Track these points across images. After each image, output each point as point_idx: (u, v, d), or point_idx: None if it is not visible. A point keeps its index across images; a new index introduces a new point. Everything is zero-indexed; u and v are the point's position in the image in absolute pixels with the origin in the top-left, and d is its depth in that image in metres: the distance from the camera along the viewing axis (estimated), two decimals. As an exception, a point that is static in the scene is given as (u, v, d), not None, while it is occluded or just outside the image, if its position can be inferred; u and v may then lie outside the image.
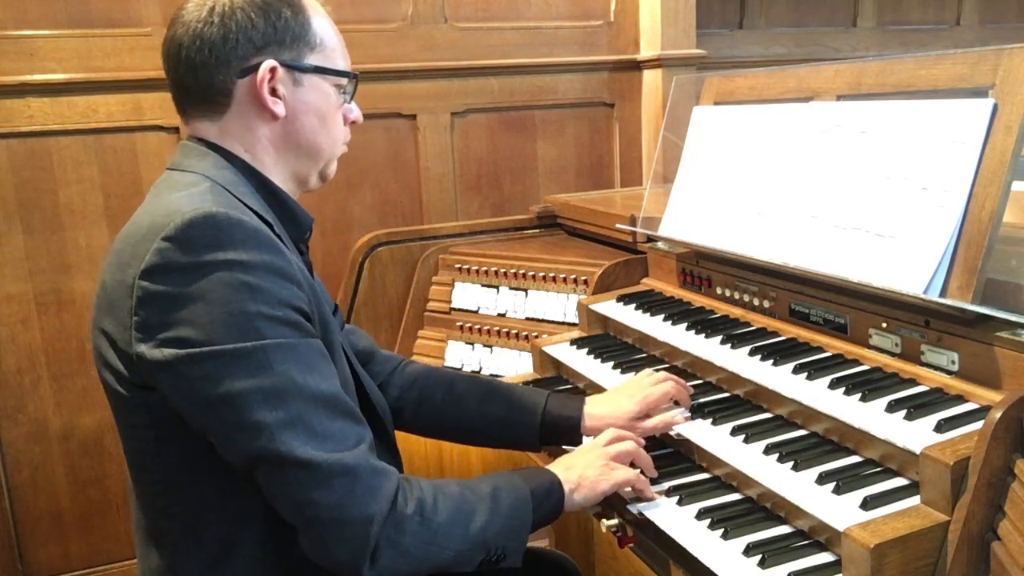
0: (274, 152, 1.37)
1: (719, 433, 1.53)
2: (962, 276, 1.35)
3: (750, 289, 1.87)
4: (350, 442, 1.18)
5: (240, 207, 1.24)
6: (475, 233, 2.86)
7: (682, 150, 2.11)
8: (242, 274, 1.15)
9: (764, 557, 1.26)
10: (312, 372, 1.18)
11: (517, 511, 1.32)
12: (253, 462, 1.15)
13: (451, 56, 3.06)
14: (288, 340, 1.17)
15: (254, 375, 1.13)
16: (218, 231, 1.16)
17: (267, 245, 1.19)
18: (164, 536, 1.29)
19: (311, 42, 1.35)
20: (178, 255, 1.14)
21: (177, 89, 1.36)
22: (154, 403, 1.20)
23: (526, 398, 1.66)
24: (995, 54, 1.40)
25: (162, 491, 1.27)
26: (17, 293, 2.71)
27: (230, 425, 1.14)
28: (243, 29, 1.29)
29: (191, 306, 1.13)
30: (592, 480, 1.42)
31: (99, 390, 2.89)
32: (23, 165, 2.66)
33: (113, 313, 1.21)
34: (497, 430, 1.66)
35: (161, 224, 1.17)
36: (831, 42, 3.80)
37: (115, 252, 1.24)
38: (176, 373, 1.15)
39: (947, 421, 1.27)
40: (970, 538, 1.13)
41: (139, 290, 1.15)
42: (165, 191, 1.29)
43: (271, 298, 1.16)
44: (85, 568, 2.91)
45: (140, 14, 2.73)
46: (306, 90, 1.35)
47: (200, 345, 1.13)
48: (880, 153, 1.54)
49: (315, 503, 1.14)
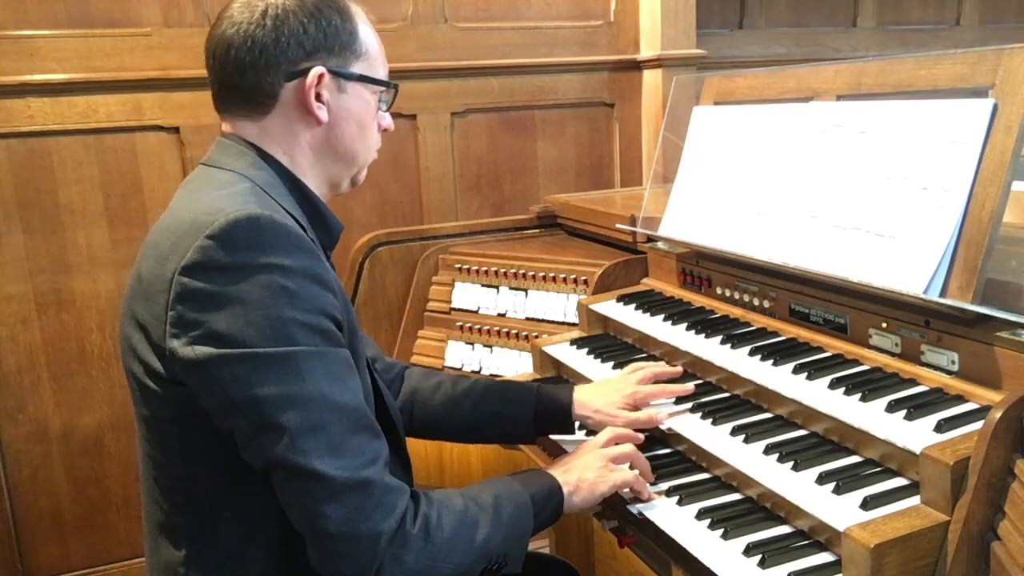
0: (312, 156, 1.38)
1: (719, 433, 1.53)
2: (962, 276, 1.35)
3: (750, 289, 1.87)
4: (366, 457, 1.19)
5: (280, 210, 1.25)
6: (475, 233, 2.86)
7: (682, 150, 2.11)
8: (282, 278, 1.16)
9: (764, 557, 1.26)
10: (338, 383, 1.19)
11: (518, 519, 1.33)
12: (271, 466, 1.16)
13: (451, 56, 3.06)
14: (319, 348, 1.18)
15: (282, 380, 1.14)
16: (261, 233, 1.17)
17: (307, 251, 1.20)
18: (178, 531, 1.29)
19: (357, 50, 1.37)
20: (220, 254, 1.15)
21: (221, 87, 1.35)
22: (181, 398, 1.21)
23: (518, 392, 1.69)
24: (995, 54, 1.40)
25: (181, 486, 1.28)
26: (17, 293, 2.71)
27: (254, 427, 1.15)
28: (295, 33, 1.30)
29: (228, 306, 1.14)
30: (591, 482, 1.43)
31: (99, 390, 2.90)
32: (23, 165, 2.66)
33: (148, 305, 1.21)
34: (494, 426, 1.69)
35: (205, 222, 1.17)
36: (831, 42, 3.80)
37: (152, 244, 1.24)
38: (206, 372, 1.15)
39: (947, 421, 1.27)
40: (970, 538, 1.13)
41: (178, 285, 1.16)
42: (204, 188, 1.29)
43: (307, 304, 1.17)
44: (85, 568, 2.91)
45: (140, 14, 2.73)
46: (349, 97, 1.37)
47: (233, 346, 1.14)
48: (880, 153, 1.54)
49: (326, 516, 1.14)
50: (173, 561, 1.29)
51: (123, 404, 2.87)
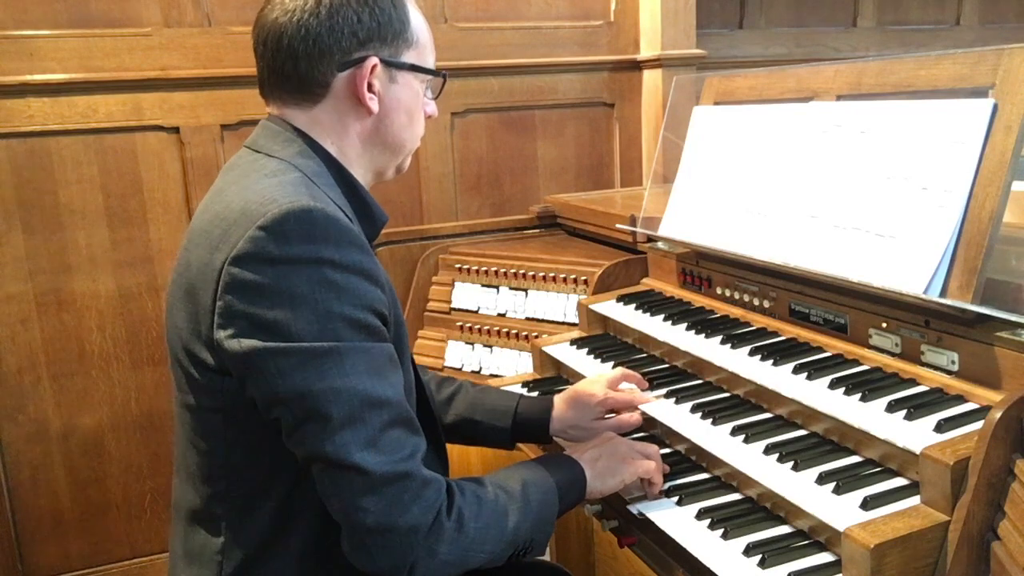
0: (360, 146, 1.38)
1: (719, 433, 1.53)
2: (962, 276, 1.35)
3: (750, 289, 1.87)
4: (406, 452, 1.19)
5: (330, 203, 1.24)
6: (475, 233, 2.86)
7: (682, 150, 2.11)
8: (331, 273, 1.16)
9: (764, 557, 1.26)
10: (380, 378, 1.19)
11: (545, 505, 1.34)
12: (312, 458, 1.17)
13: (451, 56, 3.06)
14: (363, 343, 1.18)
15: (326, 374, 1.15)
16: (313, 226, 1.16)
17: (358, 245, 1.20)
18: (216, 519, 1.30)
19: (409, 39, 1.35)
20: (272, 246, 1.15)
21: (272, 74, 1.34)
22: (228, 388, 1.22)
23: (499, 403, 1.71)
24: (995, 54, 1.40)
25: (222, 475, 1.29)
26: (17, 293, 2.70)
27: (297, 419, 1.16)
28: (349, 22, 1.29)
29: (277, 299, 1.14)
30: (613, 469, 1.45)
31: (99, 390, 2.91)
32: (23, 165, 2.66)
33: (197, 294, 1.21)
34: (472, 431, 1.71)
35: (257, 211, 1.17)
36: (831, 42, 3.80)
37: (201, 231, 1.24)
38: (251, 364, 1.16)
39: (947, 421, 1.27)
40: (970, 538, 1.13)
41: (227, 275, 1.16)
42: (253, 174, 1.27)
43: (355, 300, 1.18)
44: (85, 568, 2.91)
45: (140, 14, 2.72)
46: (400, 87, 1.36)
47: (279, 340, 1.14)
48: (880, 153, 1.54)
49: (364, 508, 1.15)
50: (210, 548, 1.30)
51: (123, 404, 2.87)
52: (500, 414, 1.69)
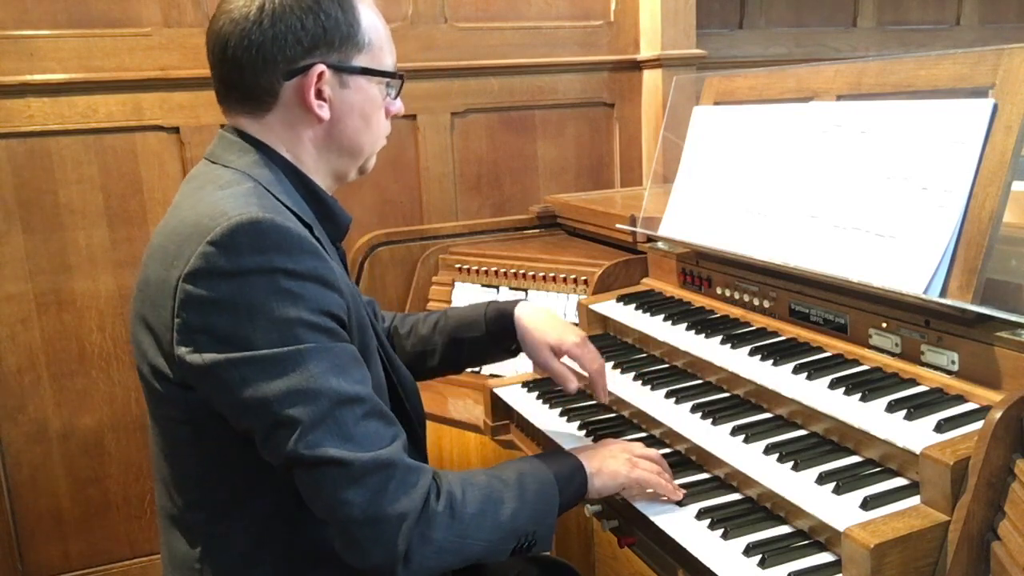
0: (315, 152, 1.37)
1: (719, 433, 1.53)
2: (962, 276, 1.35)
3: (750, 289, 1.87)
4: (384, 441, 1.19)
5: (283, 211, 1.24)
6: (475, 233, 2.86)
7: (682, 150, 2.11)
8: (286, 280, 1.16)
9: (764, 557, 1.26)
10: (345, 375, 1.18)
11: (544, 495, 1.33)
12: (289, 462, 1.16)
13: (451, 56, 3.06)
14: (324, 344, 1.18)
15: (290, 378, 1.15)
16: (263, 237, 1.16)
17: (310, 252, 1.20)
18: (193, 528, 1.30)
19: (360, 43, 1.34)
20: (222, 260, 1.15)
21: (220, 83, 1.35)
22: (194, 402, 1.22)
23: (473, 312, 1.74)
24: (995, 54, 1.40)
25: (194, 484, 1.29)
26: (17, 293, 2.70)
27: (267, 425, 1.15)
28: (292, 30, 1.27)
29: (233, 311, 1.15)
30: (613, 468, 1.43)
31: (99, 390, 2.90)
32: (23, 165, 2.66)
33: (156, 310, 1.22)
34: (459, 350, 1.73)
35: (207, 226, 1.17)
36: (831, 42, 3.80)
37: (158, 247, 1.24)
38: (215, 377, 1.16)
39: (947, 421, 1.27)
40: (970, 538, 1.13)
41: (182, 293, 1.16)
42: (207, 186, 1.28)
43: (311, 304, 1.17)
44: (85, 568, 2.91)
45: (140, 14, 2.73)
46: (351, 92, 1.35)
47: (240, 349, 1.14)
48: (880, 153, 1.54)
49: (349, 502, 1.14)
50: (190, 557, 1.30)
51: (123, 404, 2.87)
52: (475, 322, 1.71)
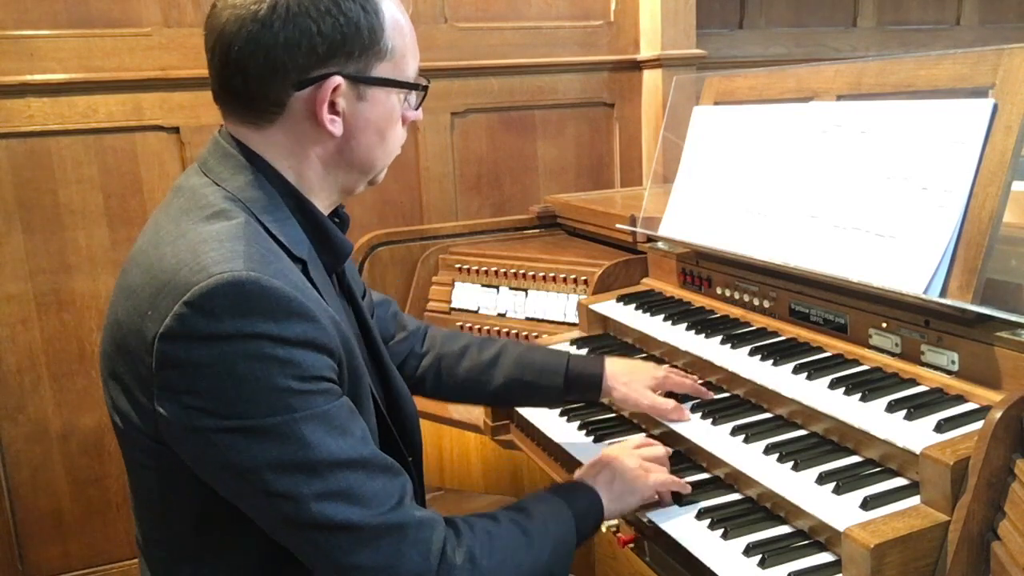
0: (322, 170, 1.23)
1: (719, 433, 1.53)
2: (962, 276, 1.35)
3: (750, 289, 1.87)
4: (393, 500, 1.12)
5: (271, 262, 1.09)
6: (475, 233, 2.86)
7: (682, 150, 2.11)
8: (270, 348, 1.04)
9: (764, 557, 1.26)
10: (345, 436, 1.10)
11: (563, 536, 1.31)
12: (291, 529, 1.09)
13: (451, 56, 3.06)
14: (319, 409, 1.08)
15: (286, 449, 1.05)
16: (245, 300, 1.03)
17: (298, 314, 1.07)
18: (157, 564, 1.26)
19: (383, 50, 1.19)
20: (201, 323, 1.03)
21: (220, 88, 1.19)
22: (165, 454, 1.13)
23: (549, 362, 1.68)
24: (995, 54, 1.40)
25: (159, 524, 1.23)
26: (17, 293, 2.70)
27: (262, 493, 1.07)
28: (308, 35, 1.12)
29: (215, 378, 1.04)
30: (628, 490, 1.42)
31: (99, 390, 2.88)
32: (23, 165, 2.66)
33: (129, 360, 1.11)
34: (522, 395, 1.70)
35: (185, 281, 1.04)
36: (831, 42, 3.80)
37: (131, 290, 1.11)
38: (204, 440, 1.06)
39: (947, 421, 1.27)
40: (970, 538, 1.13)
41: (159, 353, 1.05)
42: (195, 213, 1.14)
43: (301, 371, 1.06)
44: (85, 568, 2.91)
45: (140, 14, 2.73)
46: (368, 106, 1.20)
47: (228, 418, 1.04)
48: (880, 153, 1.54)
49: (360, 567, 1.08)
50: None
51: (123, 404, 2.87)
52: (551, 373, 1.65)
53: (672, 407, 1.61)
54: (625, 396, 1.65)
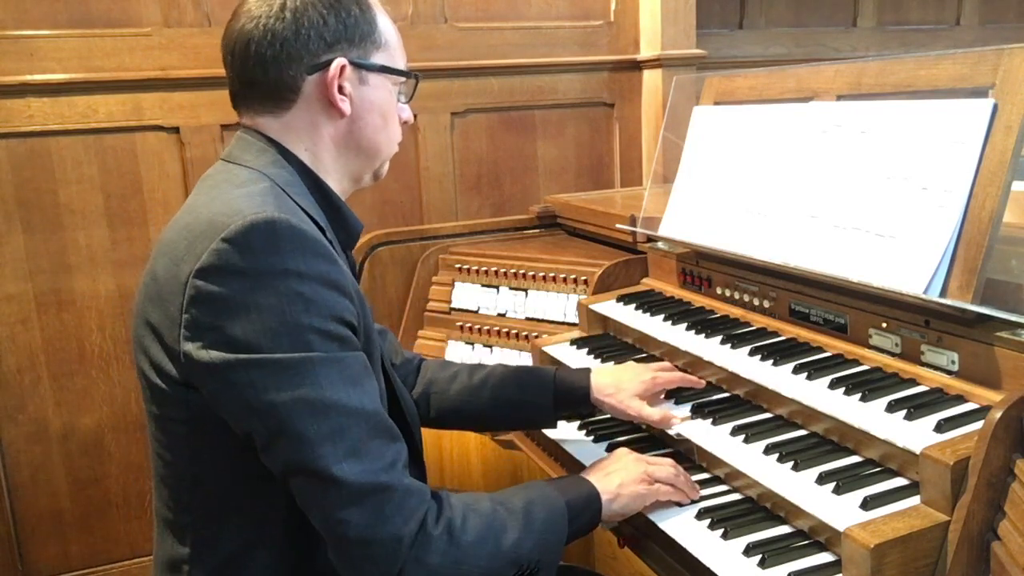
0: (335, 150, 1.37)
1: (719, 433, 1.53)
2: (962, 276, 1.35)
3: (750, 289, 1.87)
4: (386, 461, 1.18)
5: (299, 212, 1.23)
6: (475, 233, 2.86)
7: (682, 150, 2.11)
8: (298, 284, 1.14)
9: (764, 557, 1.26)
10: (356, 387, 1.18)
11: (551, 525, 1.31)
12: (290, 471, 1.16)
13: (451, 56, 3.06)
14: (335, 354, 1.17)
15: (300, 386, 1.13)
16: (278, 238, 1.15)
17: (324, 255, 1.19)
18: (184, 529, 1.29)
19: (377, 40, 1.36)
20: (236, 258, 1.14)
21: (242, 83, 1.34)
22: (193, 400, 1.21)
23: (536, 378, 1.70)
24: (995, 54, 1.40)
25: (188, 486, 1.28)
26: (17, 293, 2.70)
27: (272, 432, 1.14)
28: (315, 25, 1.29)
29: (244, 312, 1.13)
30: (631, 492, 1.42)
31: (99, 390, 2.90)
32: (23, 165, 2.66)
33: (162, 306, 1.20)
34: (513, 413, 1.71)
35: (222, 223, 1.16)
36: (831, 42, 3.80)
37: (168, 242, 1.23)
38: (222, 377, 1.14)
39: (947, 421, 1.27)
40: (970, 538, 1.13)
41: (192, 288, 1.15)
42: (223, 184, 1.27)
43: (324, 310, 1.16)
44: (85, 568, 2.91)
45: (140, 14, 2.72)
46: (371, 89, 1.36)
47: (249, 351, 1.13)
48: (880, 153, 1.54)
49: (345, 521, 1.14)
50: (177, 558, 1.29)
51: (123, 404, 2.87)
52: (539, 388, 1.68)
53: (659, 417, 1.61)
54: (613, 408, 1.66)
